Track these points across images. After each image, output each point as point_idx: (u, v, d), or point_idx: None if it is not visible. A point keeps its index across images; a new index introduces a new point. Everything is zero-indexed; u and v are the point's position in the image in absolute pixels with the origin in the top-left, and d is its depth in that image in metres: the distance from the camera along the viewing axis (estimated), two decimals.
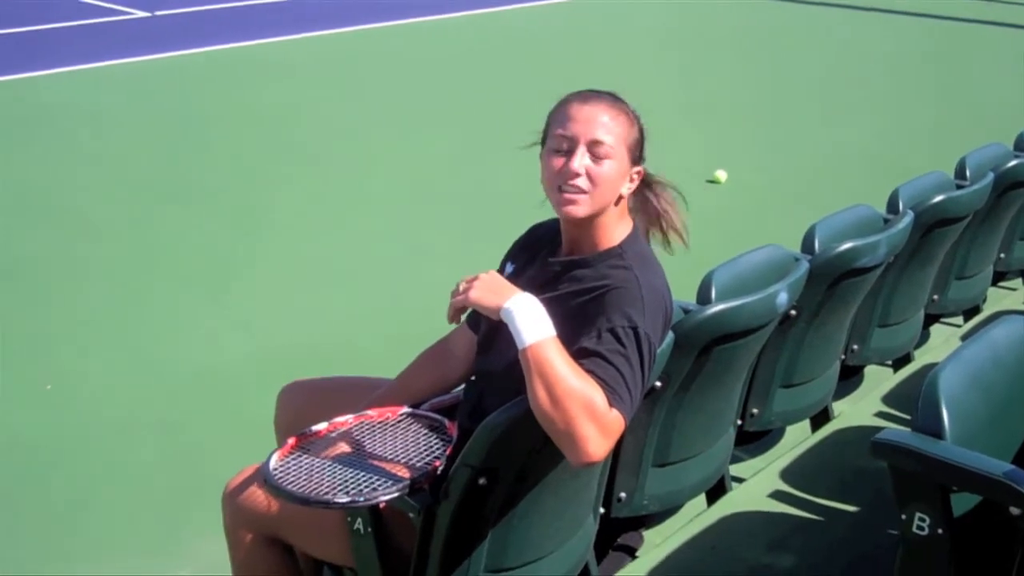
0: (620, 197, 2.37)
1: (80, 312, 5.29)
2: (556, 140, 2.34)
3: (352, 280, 5.79)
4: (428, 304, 2.37)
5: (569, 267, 2.41)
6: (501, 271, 2.52)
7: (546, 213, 2.49)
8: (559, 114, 2.36)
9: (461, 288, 2.29)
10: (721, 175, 7.29)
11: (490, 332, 2.46)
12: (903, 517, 2.14)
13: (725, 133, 8.60)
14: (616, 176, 2.33)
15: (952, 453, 2.09)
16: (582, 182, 2.31)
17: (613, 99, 2.39)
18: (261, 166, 7.64)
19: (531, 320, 2.17)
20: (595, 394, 2.12)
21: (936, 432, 2.13)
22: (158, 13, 12.63)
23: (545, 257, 2.49)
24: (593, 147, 2.31)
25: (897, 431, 2.22)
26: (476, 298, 2.25)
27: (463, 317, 2.47)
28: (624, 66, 10.39)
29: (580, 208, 2.33)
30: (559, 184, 2.33)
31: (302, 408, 2.80)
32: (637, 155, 2.39)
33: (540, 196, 2.43)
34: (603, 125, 2.32)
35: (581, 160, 2.31)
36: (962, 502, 2.18)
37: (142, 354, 4.90)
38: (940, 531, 2.11)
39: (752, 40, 12.75)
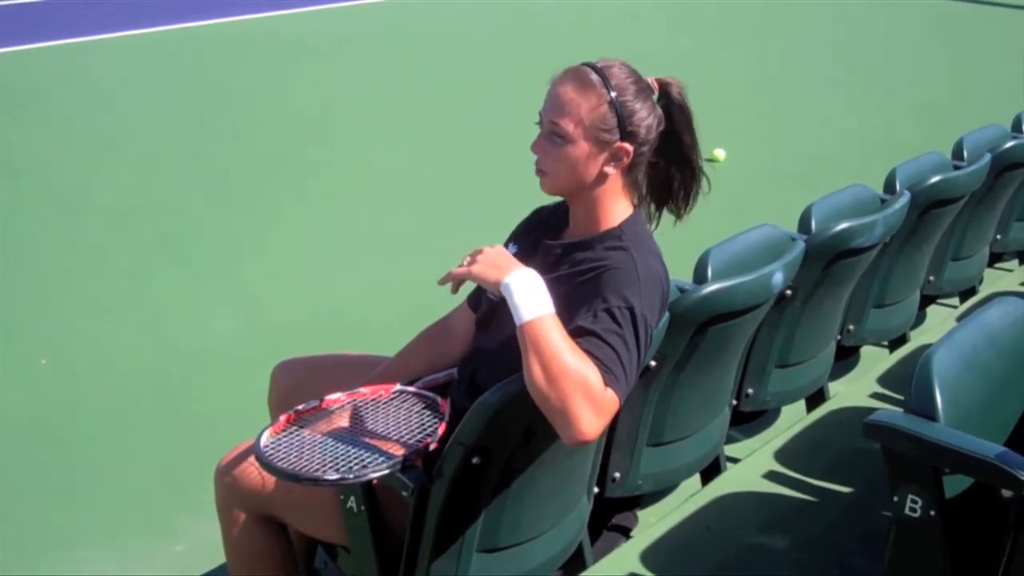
0: (604, 176, 2.34)
1: (77, 290, 5.29)
2: (539, 117, 2.36)
3: (359, 258, 5.80)
4: (436, 282, 2.37)
5: (569, 249, 2.40)
6: None
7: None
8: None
9: (465, 261, 2.28)
10: (719, 154, 7.28)
11: (489, 309, 2.46)
12: (895, 499, 2.14)
13: (726, 112, 8.57)
14: (578, 158, 2.31)
15: (945, 435, 2.08)
16: (540, 163, 2.34)
17: (585, 75, 2.32)
18: (266, 142, 7.62)
19: (530, 296, 2.16)
20: (590, 373, 2.11)
21: (929, 414, 2.13)
22: None
23: (546, 240, 2.48)
24: (553, 128, 2.31)
25: (890, 412, 2.21)
26: (477, 272, 2.23)
27: (460, 289, 2.45)
28: (631, 45, 10.38)
29: (545, 186, 2.38)
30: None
31: (296, 385, 2.80)
32: (610, 135, 2.31)
33: None
34: (562, 106, 2.30)
35: (539, 141, 2.34)
36: (955, 484, 2.18)
37: (141, 331, 4.90)
38: (932, 513, 2.10)
39: (754, 20, 12.70)
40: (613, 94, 2.30)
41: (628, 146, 2.33)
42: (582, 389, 2.09)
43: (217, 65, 9.66)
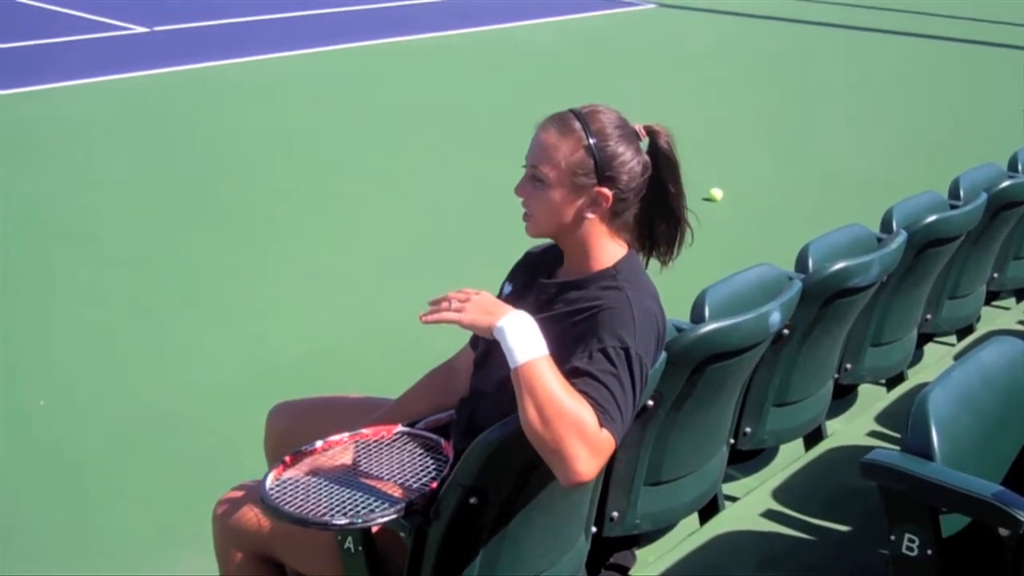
0: (583, 220, 2.37)
1: (75, 326, 5.29)
2: (525, 162, 2.41)
3: (358, 293, 5.81)
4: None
5: (563, 288, 2.42)
6: (500, 292, 2.54)
7: None
8: None
9: (453, 306, 2.28)
10: (717, 193, 7.28)
11: (486, 350, 2.47)
12: (892, 538, 2.14)
13: (724, 152, 8.61)
14: (557, 202, 2.35)
15: (941, 474, 2.09)
16: (524, 205, 2.41)
17: (567, 121, 2.36)
18: (261, 181, 7.64)
19: (523, 339, 2.18)
20: (585, 414, 2.12)
21: (926, 453, 2.13)
22: (157, 29, 12.67)
23: (541, 279, 2.50)
24: (534, 172, 2.37)
25: (887, 452, 2.22)
26: (469, 320, 2.25)
27: (444, 326, 2.46)
28: (632, 84, 10.44)
29: (528, 229, 2.43)
30: None
31: (290, 428, 2.79)
32: (589, 179, 2.33)
33: None
34: (542, 152, 2.35)
35: (523, 184, 2.40)
36: (952, 523, 2.18)
37: (137, 368, 4.89)
38: (929, 552, 2.11)
39: (754, 60, 12.76)
40: (592, 140, 2.33)
41: (607, 191, 2.35)
42: (577, 430, 2.10)
43: (203, 107, 9.64)
